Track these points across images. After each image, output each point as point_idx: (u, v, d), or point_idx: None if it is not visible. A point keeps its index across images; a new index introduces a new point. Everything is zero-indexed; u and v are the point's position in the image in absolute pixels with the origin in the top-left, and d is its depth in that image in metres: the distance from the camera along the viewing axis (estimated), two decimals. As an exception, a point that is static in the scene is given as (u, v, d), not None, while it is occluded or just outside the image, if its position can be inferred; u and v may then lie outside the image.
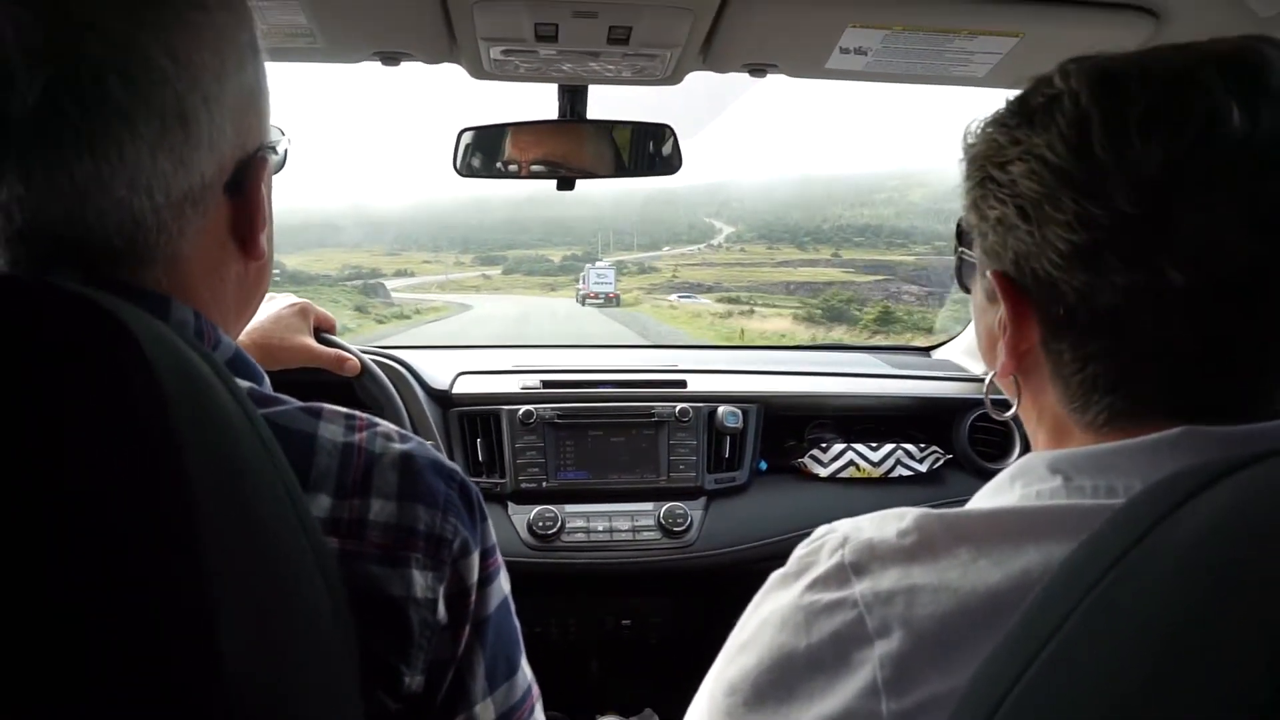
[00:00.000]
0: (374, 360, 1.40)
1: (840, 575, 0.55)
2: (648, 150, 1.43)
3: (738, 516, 1.59)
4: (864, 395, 1.79)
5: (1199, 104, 0.49)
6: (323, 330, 1.28)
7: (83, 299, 0.39)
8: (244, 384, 0.59)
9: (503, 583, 0.69)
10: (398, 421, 1.40)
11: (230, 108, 0.58)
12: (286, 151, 0.69)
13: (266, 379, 0.65)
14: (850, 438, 1.73)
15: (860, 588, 0.53)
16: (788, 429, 1.76)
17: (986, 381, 0.65)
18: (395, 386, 1.43)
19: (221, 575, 0.40)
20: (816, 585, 0.56)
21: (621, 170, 1.47)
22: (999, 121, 0.58)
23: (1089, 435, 0.57)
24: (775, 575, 0.61)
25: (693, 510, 1.56)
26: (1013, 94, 0.60)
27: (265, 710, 0.43)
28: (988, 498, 0.60)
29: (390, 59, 1.23)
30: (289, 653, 0.46)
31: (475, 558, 0.65)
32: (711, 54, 1.21)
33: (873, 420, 1.79)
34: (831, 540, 0.58)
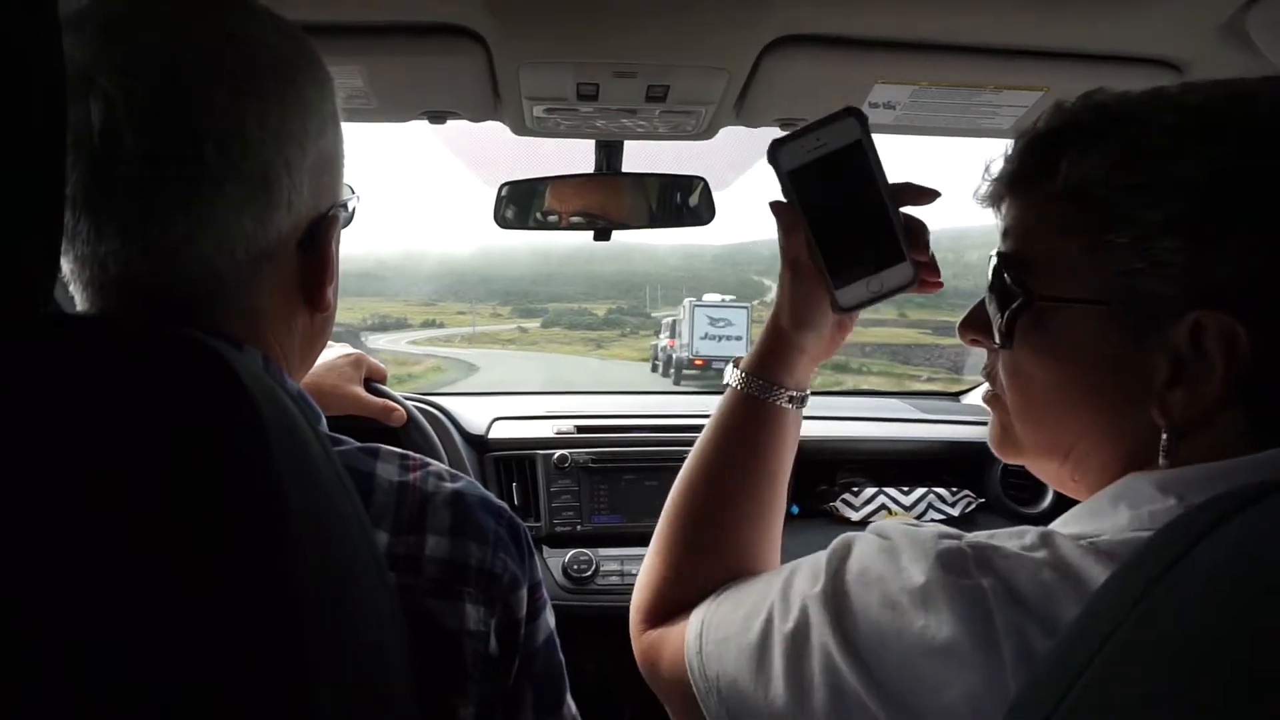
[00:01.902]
0: (415, 406, 1.44)
1: (961, 561, 0.54)
2: (678, 201, 1.48)
3: (783, 557, 1.59)
4: (895, 440, 1.80)
5: None
6: (374, 380, 1.33)
7: (193, 339, 0.43)
8: None
9: (549, 618, 0.72)
10: None
11: (309, 171, 0.62)
12: (355, 209, 0.73)
13: (324, 420, 0.69)
14: (882, 481, 1.73)
15: (987, 580, 0.52)
16: (819, 473, 1.77)
17: (1164, 447, 0.55)
18: (436, 432, 1.47)
19: (310, 597, 0.43)
20: (940, 565, 0.54)
21: (654, 221, 1.52)
22: (1204, 139, 0.54)
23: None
24: (875, 541, 0.61)
25: (727, 554, 1.57)
26: None
27: None
28: (1086, 519, 0.58)
29: (437, 118, 1.28)
30: (367, 678, 0.49)
31: (524, 592, 0.67)
32: (745, 110, 1.26)
33: (904, 464, 1.80)
34: (940, 529, 0.58)
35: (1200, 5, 1.00)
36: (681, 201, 1.50)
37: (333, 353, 1.28)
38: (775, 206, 0.77)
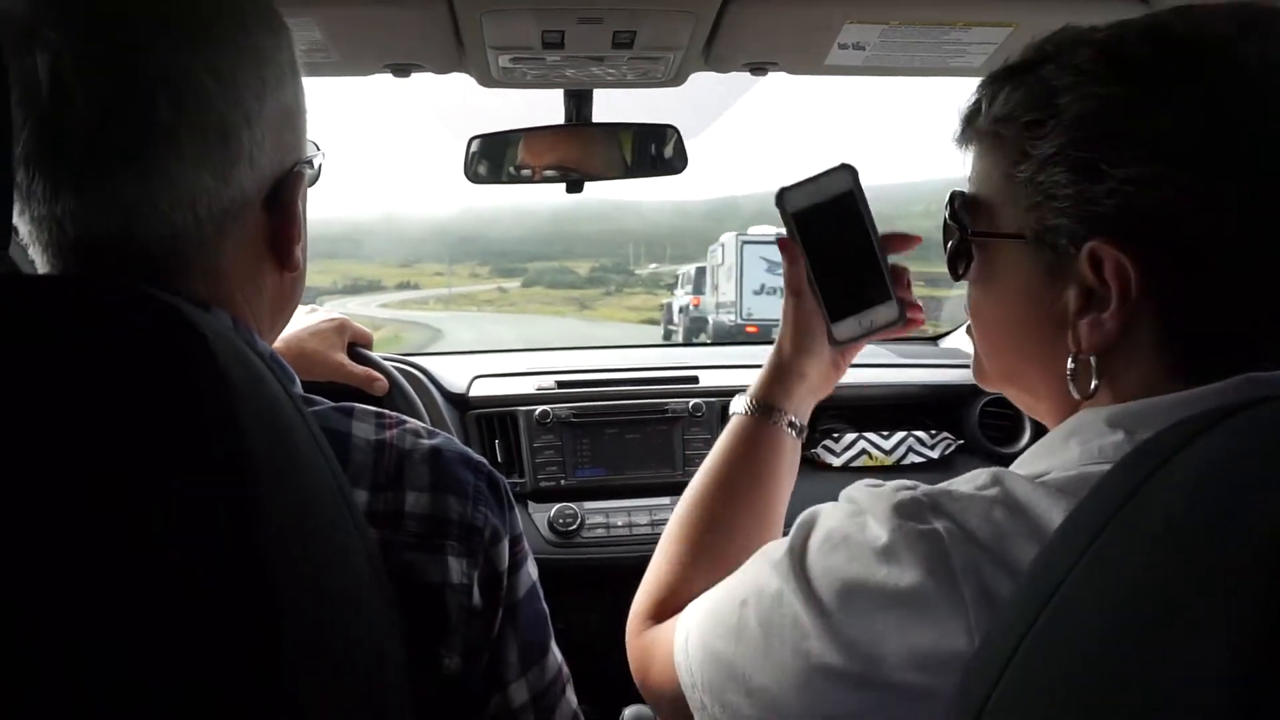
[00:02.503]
0: (395, 367, 1.44)
1: (917, 508, 0.55)
2: (651, 152, 1.46)
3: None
4: (874, 385, 1.81)
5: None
6: (359, 345, 1.32)
7: (153, 298, 0.42)
8: None
9: (531, 569, 0.72)
10: None
11: (270, 125, 0.61)
12: (321, 166, 0.72)
13: (298, 382, 0.68)
14: (862, 427, 1.75)
15: (942, 523, 0.53)
16: (800, 421, 1.78)
17: (1071, 367, 0.58)
18: (417, 393, 1.46)
19: (283, 557, 0.43)
20: (897, 514, 0.55)
21: (628, 171, 1.50)
22: (1097, 77, 0.55)
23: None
24: (834, 507, 0.62)
25: (710, 503, 1.58)
26: None
27: (321, 684, 0.45)
28: (1042, 457, 0.59)
29: (401, 70, 1.26)
30: (345, 631, 0.49)
31: (505, 544, 0.68)
32: (713, 54, 1.24)
33: (883, 409, 1.81)
34: (899, 482, 0.59)
35: (1168, -67, 0.99)
36: (656, 152, 1.48)
37: (316, 317, 1.27)
38: (781, 242, 0.83)
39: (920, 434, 1.73)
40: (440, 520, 0.64)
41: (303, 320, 1.25)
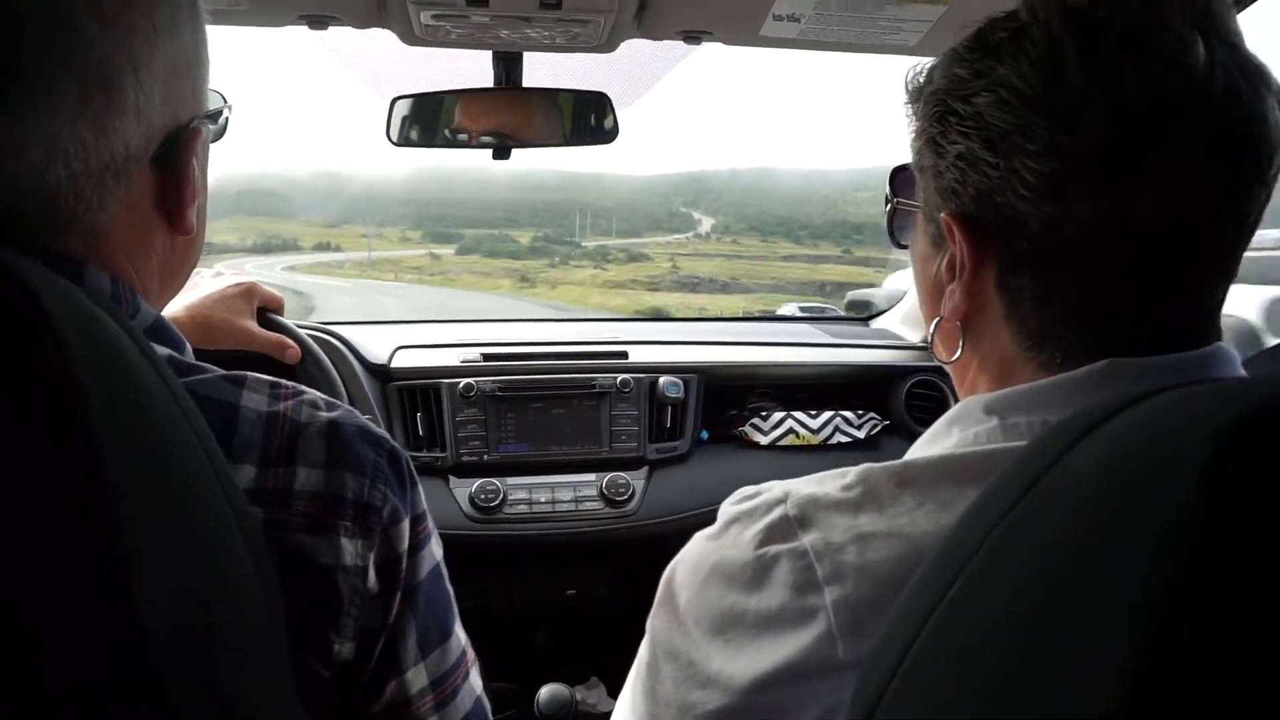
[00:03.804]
0: (311, 335, 1.38)
1: (786, 527, 0.55)
2: (588, 120, 1.42)
3: (680, 485, 1.61)
4: (803, 364, 1.81)
5: (1166, 34, 0.50)
6: (269, 310, 1.26)
7: None
8: (163, 351, 0.57)
9: (434, 549, 0.69)
10: (336, 399, 1.38)
11: (161, 75, 0.56)
12: (227, 120, 0.66)
13: (189, 347, 0.64)
14: (790, 406, 1.75)
15: (809, 538, 0.53)
16: (729, 399, 1.78)
17: (930, 329, 0.63)
18: (333, 363, 1.41)
19: (135, 534, 0.39)
20: (764, 537, 0.55)
21: (564, 139, 1.46)
22: (958, 58, 0.57)
23: (1038, 375, 0.56)
24: (702, 533, 0.61)
25: (635, 480, 1.57)
26: None
27: (185, 668, 0.42)
28: (927, 445, 0.61)
29: (317, 23, 1.20)
30: (210, 613, 0.45)
31: (405, 525, 0.64)
32: (645, 20, 1.21)
33: (812, 389, 1.81)
34: (769, 497, 0.58)
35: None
36: (596, 121, 1.44)
37: (222, 282, 1.20)
38: None
39: (848, 414, 1.73)
40: (334, 499, 0.60)
41: (208, 285, 1.19)
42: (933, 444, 0.60)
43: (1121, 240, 0.51)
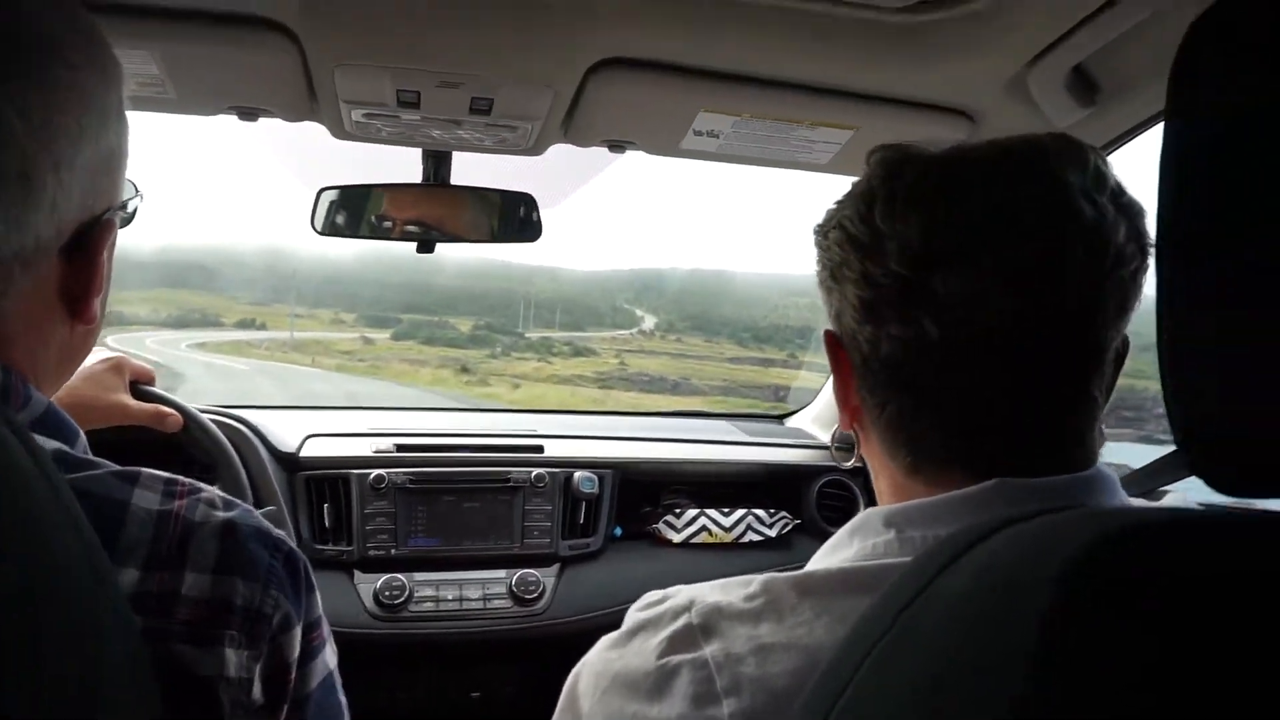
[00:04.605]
0: (213, 419, 1.34)
1: (689, 637, 0.56)
2: (514, 218, 1.45)
3: (591, 583, 1.59)
4: (718, 462, 1.83)
5: (962, 179, 0.57)
6: (141, 383, 1.23)
7: None
8: (52, 444, 0.55)
9: (328, 657, 0.66)
10: (235, 480, 1.33)
11: (84, 172, 0.56)
12: (136, 209, 0.66)
13: (82, 438, 0.61)
14: (704, 503, 1.76)
15: (711, 649, 0.54)
16: (644, 495, 1.78)
17: (832, 436, 0.70)
18: (237, 448, 1.37)
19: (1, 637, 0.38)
20: (666, 646, 0.56)
21: (490, 236, 1.49)
22: (836, 201, 0.65)
23: (911, 484, 0.61)
24: (607, 639, 0.62)
25: (546, 577, 1.55)
26: None
27: None
28: (829, 554, 0.63)
29: (248, 114, 1.21)
30: None
31: (297, 632, 0.62)
32: (572, 128, 1.26)
33: (726, 486, 1.83)
34: (675, 604, 0.59)
35: (988, 61, 1.08)
36: (524, 217, 1.47)
37: (89, 360, 1.17)
38: None
39: (760, 512, 1.75)
40: (221, 606, 0.57)
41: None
42: (834, 553, 0.62)
43: (926, 361, 0.57)
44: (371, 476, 1.54)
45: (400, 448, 1.63)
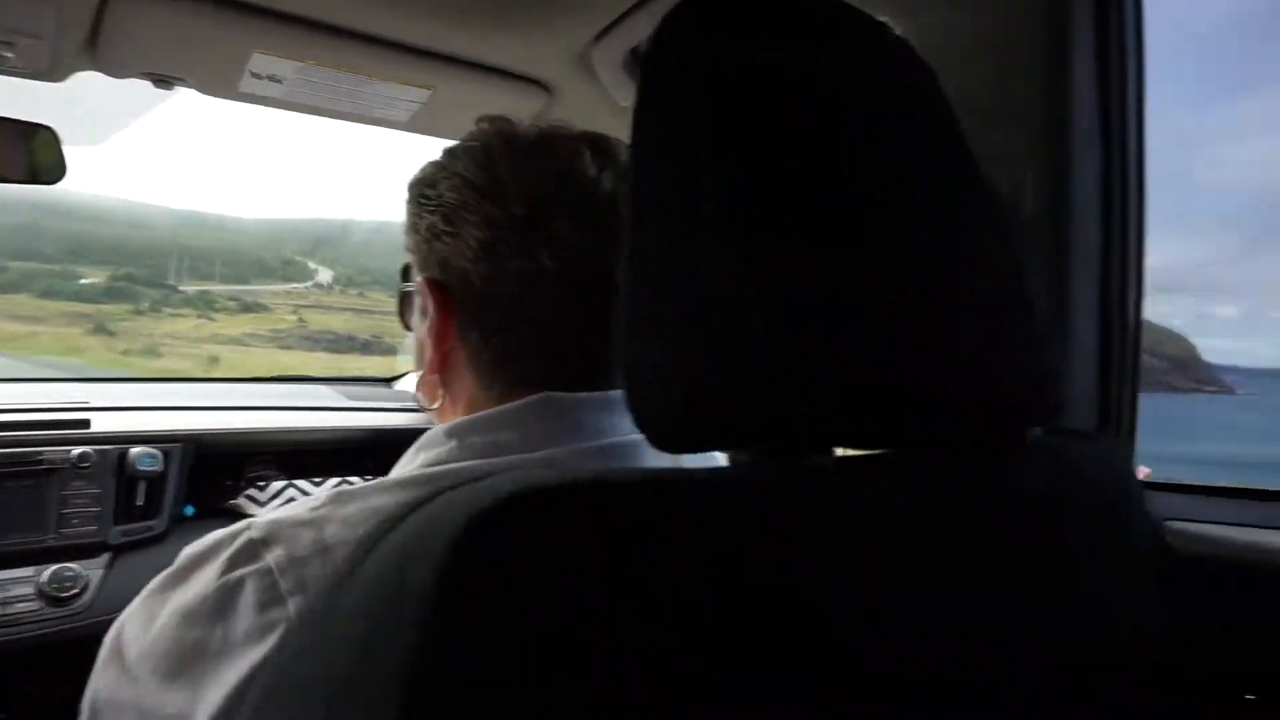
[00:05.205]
0: None
1: (249, 550, 0.56)
2: (29, 154, 1.22)
3: (151, 569, 1.38)
4: (312, 429, 1.73)
5: (566, 148, 0.67)
6: None
7: None
8: None
9: None
10: None
11: None
12: None
13: None
14: (294, 474, 1.65)
15: (273, 555, 0.55)
16: (226, 468, 1.62)
17: (416, 384, 0.73)
18: None
19: None
20: (226, 565, 0.56)
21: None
22: (431, 161, 0.70)
23: (486, 401, 0.66)
24: (155, 582, 0.61)
25: (90, 570, 1.35)
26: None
27: None
28: (397, 469, 0.66)
29: None
30: None
31: None
32: (100, 55, 1.08)
33: (322, 454, 1.73)
34: (232, 530, 0.58)
35: (558, 33, 1.10)
36: (36, 154, 1.23)
37: None
38: None
39: (356, 479, 1.69)
40: None
41: None
42: (402, 469, 0.66)
43: (537, 293, 0.64)
44: None
45: None
